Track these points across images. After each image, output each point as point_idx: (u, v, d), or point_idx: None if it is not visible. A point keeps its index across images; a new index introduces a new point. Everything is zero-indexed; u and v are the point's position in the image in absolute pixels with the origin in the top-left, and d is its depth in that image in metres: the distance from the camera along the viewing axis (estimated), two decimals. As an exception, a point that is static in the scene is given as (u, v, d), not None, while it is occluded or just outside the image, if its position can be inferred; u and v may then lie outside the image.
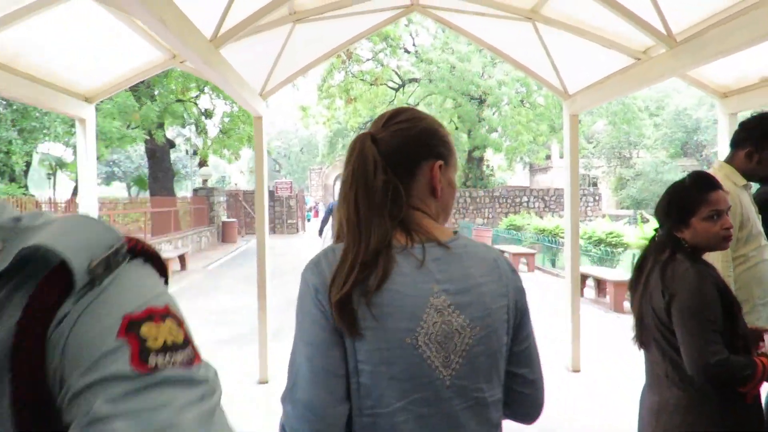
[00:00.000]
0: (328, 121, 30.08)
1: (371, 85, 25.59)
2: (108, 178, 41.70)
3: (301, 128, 66.03)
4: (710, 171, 2.41)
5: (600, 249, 12.01)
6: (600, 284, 9.13)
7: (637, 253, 10.58)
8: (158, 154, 16.98)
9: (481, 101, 23.03)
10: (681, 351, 1.58)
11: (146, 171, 20.26)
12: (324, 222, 9.08)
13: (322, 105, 27.92)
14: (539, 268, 13.07)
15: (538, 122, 21.02)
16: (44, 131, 11.67)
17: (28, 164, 14.91)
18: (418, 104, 29.58)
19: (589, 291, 9.39)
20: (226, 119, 19.98)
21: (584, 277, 9.14)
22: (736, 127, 4.39)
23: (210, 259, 15.17)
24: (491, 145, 21.12)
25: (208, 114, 20.81)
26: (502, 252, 13.55)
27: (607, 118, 23.50)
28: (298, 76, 4.86)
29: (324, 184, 48.82)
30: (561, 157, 33.78)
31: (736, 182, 2.26)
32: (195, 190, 20.14)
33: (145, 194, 23.06)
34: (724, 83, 4.30)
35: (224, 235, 20.12)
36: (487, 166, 28.23)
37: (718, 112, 4.35)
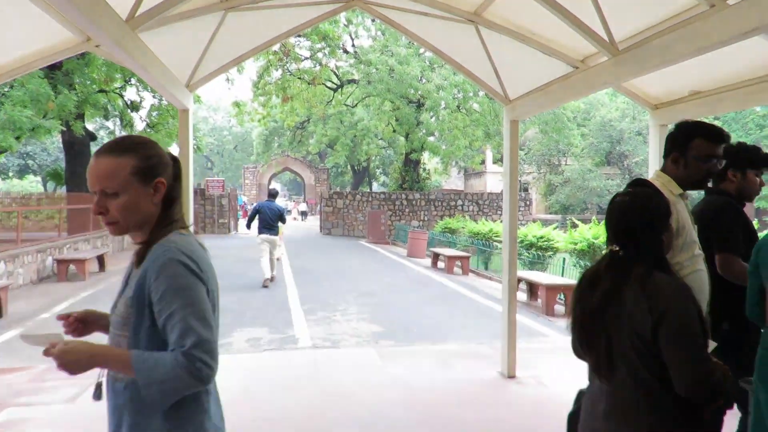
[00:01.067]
0: (264, 119, 29.28)
1: (309, 84, 25.17)
2: (21, 172, 38.76)
3: (236, 125, 64.25)
4: (649, 180, 2.40)
5: (531, 253, 12.30)
6: (532, 288, 9.30)
7: (568, 257, 10.91)
8: (77, 147, 15.80)
9: (419, 105, 23.18)
10: (675, 371, 1.51)
11: (64, 165, 18.85)
12: (250, 219, 10.30)
13: (258, 102, 27.17)
14: (473, 271, 13.24)
15: (474, 127, 21.41)
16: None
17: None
18: (356, 105, 29.44)
19: (521, 295, 9.56)
20: (154, 113, 18.95)
21: (517, 281, 9.31)
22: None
23: (133, 260, 14.32)
24: (429, 148, 21.30)
25: (134, 106, 19.68)
26: (444, 256, 13.66)
27: (539, 127, 24.34)
28: (230, 67, 4.55)
29: (258, 183, 47.65)
30: (495, 162, 34.66)
31: (673, 191, 2.26)
32: (118, 187, 18.98)
33: (63, 190, 21.52)
34: (655, 95, 4.39)
35: (150, 235, 19.08)
36: (424, 170, 28.50)
37: (649, 124, 4.44)
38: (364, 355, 5.48)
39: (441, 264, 13.90)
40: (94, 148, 26.18)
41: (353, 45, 23.98)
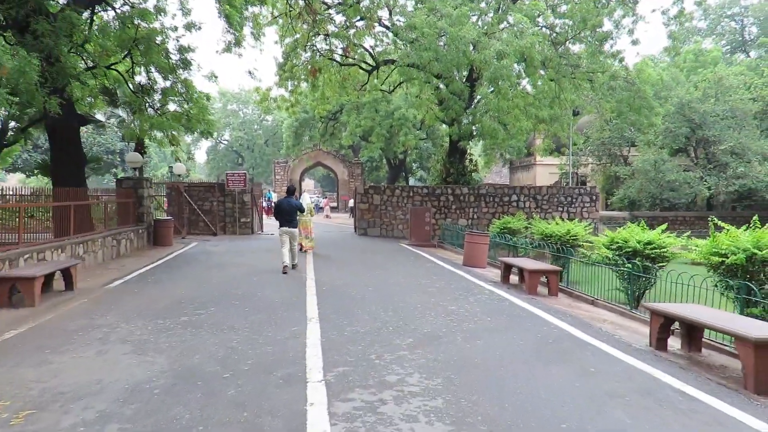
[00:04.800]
0: (292, 107, 26.33)
1: (341, 65, 22.08)
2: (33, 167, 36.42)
3: (266, 119, 61.78)
4: None
5: (633, 263, 8.80)
6: (691, 332, 5.87)
7: (708, 273, 7.36)
8: (61, 134, 13.00)
9: (473, 82, 19.75)
10: None
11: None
12: (275, 215, 11.40)
13: (285, 87, 24.23)
14: (563, 290, 9.83)
15: (536, 108, 17.86)
16: None
17: None
18: (393, 90, 26.05)
19: (671, 341, 6.13)
20: (172, 97, 16.26)
21: (668, 321, 5.89)
22: None
23: (124, 270, 11.43)
24: (486, 130, 17.68)
25: (145, 91, 16.96)
26: (521, 270, 10.00)
27: (611, 107, 20.42)
28: None
29: (290, 178, 44.90)
30: (551, 153, 30.64)
31: None
32: (119, 181, 16.28)
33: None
34: None
35: (156, 237, 16.31)
36: (470, 161, 25.02)
37: None
38: None
39: (514, 278, 10.55)
40: (84, 134, 23.51)
41: (390, 15, 20.67)
